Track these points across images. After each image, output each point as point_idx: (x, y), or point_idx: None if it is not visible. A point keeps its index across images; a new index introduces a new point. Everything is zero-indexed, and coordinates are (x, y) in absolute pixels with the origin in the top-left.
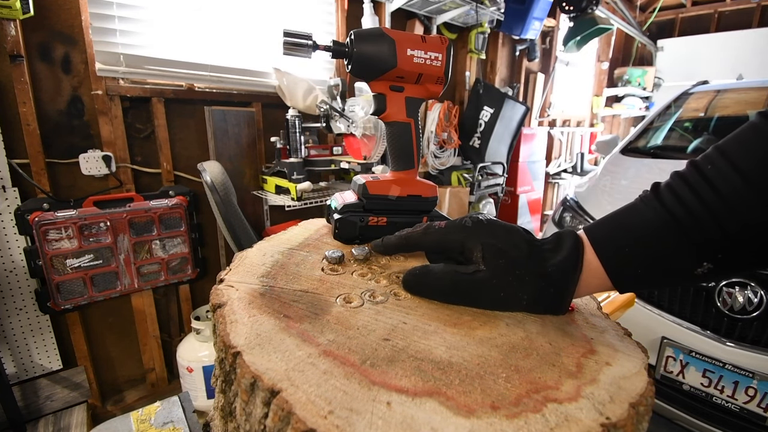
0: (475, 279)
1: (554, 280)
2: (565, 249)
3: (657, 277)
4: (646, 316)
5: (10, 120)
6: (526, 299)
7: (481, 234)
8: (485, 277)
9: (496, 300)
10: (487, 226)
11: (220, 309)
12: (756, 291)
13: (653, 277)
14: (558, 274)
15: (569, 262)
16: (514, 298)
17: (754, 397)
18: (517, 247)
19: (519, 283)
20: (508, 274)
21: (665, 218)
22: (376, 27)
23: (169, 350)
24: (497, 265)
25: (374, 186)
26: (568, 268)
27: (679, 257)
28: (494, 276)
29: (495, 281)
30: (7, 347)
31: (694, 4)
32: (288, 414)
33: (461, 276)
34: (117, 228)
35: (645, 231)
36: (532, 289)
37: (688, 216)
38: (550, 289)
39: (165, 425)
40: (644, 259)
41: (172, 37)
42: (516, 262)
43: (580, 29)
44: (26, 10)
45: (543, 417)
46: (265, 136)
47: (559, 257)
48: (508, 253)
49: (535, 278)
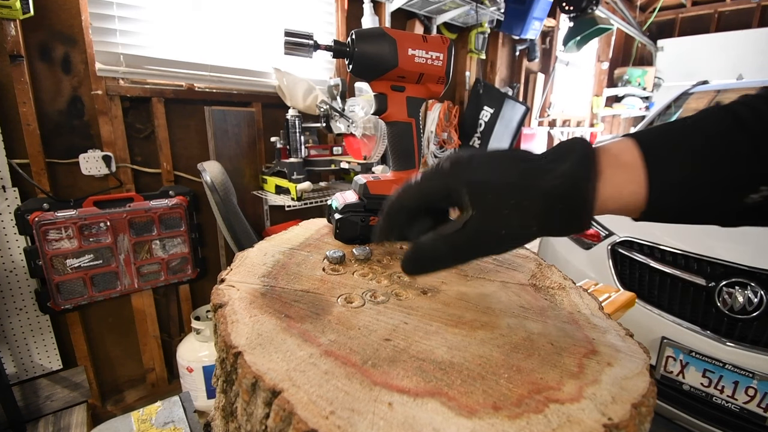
0: (467, 232)
1: (561, 192)
2: (572, 155)
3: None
4: (647, 316)
5: (10, 120)
6: (534, 226)
7: (462, 173)
8: (477, 224)
9: (502, 241)
10: (468, 161)
11: (221, 309)
12: (756, 291)
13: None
14: (565, 185)
15: (579, 167)
16: (520, 232)
17: (754, 397)
18: (506, 171)
19: (519, 212)
20: (502, 207)
21: (729, 123)
22: (377, 27)
23: (169, 350)
24: (486, 202)
25: (375, 186)
26: (579, 175)
27: (737, 169)
28: (486, 217)
29: (490, 222)
30: (7, 347)
31: (694, 4)
32: (289, 414)
33: (453, 236)
34: (117, 228)
35: (704, 131)
36: (538, 212)
37: (759, 121)
38: (559, 204)
39: (166, 425)
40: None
41: (172, 37)
42: (508, 189)
43: (580, 29)
44: (26, 10)
45: (545, 417)
46: (265, 136)
47: (564, 166)
48: (496, 183)
49: (537, 199)
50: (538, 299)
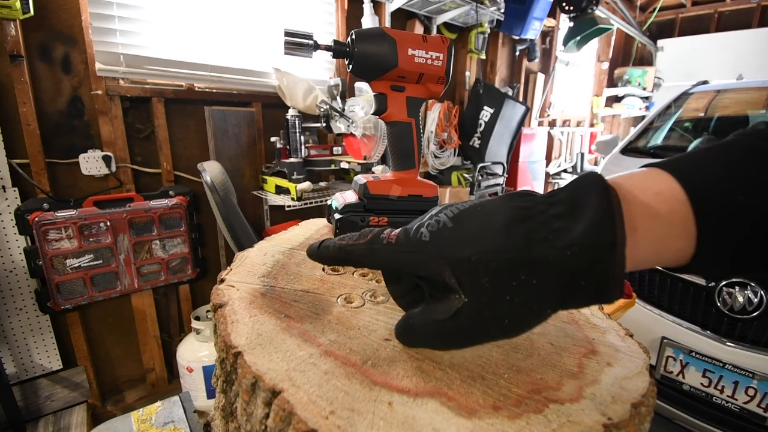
0: (459, 323)
1: (581, 267)
2: (589, 205)
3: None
4: (646, 316)
5: (10, 120)
6: (549, 309)
7: (444, 246)
8: (471, 314)
9: (507, 329)
10: (451, 229)
11: (221, 309)
12: (756, 291)
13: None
14: (583, 257)
15: (601, 226)
16: (528, 316)
17: (754, 397)
18: (502, 239)
19: (526, 294)
20: (501, 291)
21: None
22: (377, 27)
23: (169, 350)
24: (481, 288)
25: (375, 186)
26: (601, 240)
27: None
28: (482, 306)
29: (487, 311)
30: (7, 347)
31: (694, 4)
32: (289, 414)
33: (444, 326)
34: (117, 228)
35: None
36: (552, 292)
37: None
38: (580, 282)
39: (166, 425)
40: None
41: (172, 37)
42: (508, 267)
43: (580, 29)
44: (26, 10)
45: (545, 417)
46: (265, 136)
47: (580, 225)
48: (491, 263)
49: (550, 277)
50: None
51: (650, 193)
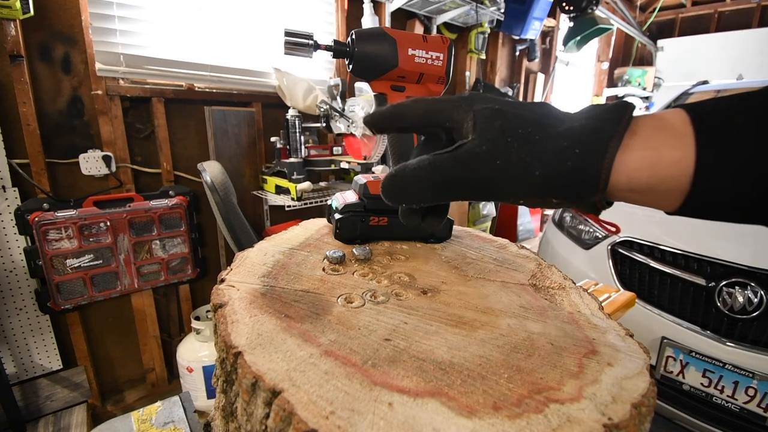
0: (457, 153)
1: (580, 135)
2: (600, 107)
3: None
4: (646, 316)
5: (10, 120)
6: (538, 170)
7: (476, 101)
8: (472, 146)
9: (492, 175)
10: (486, 95)
11: (221, 309)
12: (756, 291)
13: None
14: (587, 128)
15: (607, 114)
16: (518, 169)
17: (754, 397)
18: (525, 107)
19: (524, 145)
20: (506, 134)
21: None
22: (377, 27)
23: (169, 350)
24: (491, 128)
25: (375, 186)
26: (606, 117)
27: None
28: (485, 141)
29: (486, 148)
30: (7, 347)
31: (694, 4)
32: (289, 414)
33: (441, 156)
34: (117, 228)
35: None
36: (547, 152)
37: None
38: (575, 149)
39: (166, 425)
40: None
41: (172, 37)
42: (521, 120)
43: (580, 29)
44: (26, 10)
45: (545, 417)
46: (265, 136)
47: (589, 115)
48: (510, 111)
49: (551, 138)
50: (538, 299)
51: (658, 114)
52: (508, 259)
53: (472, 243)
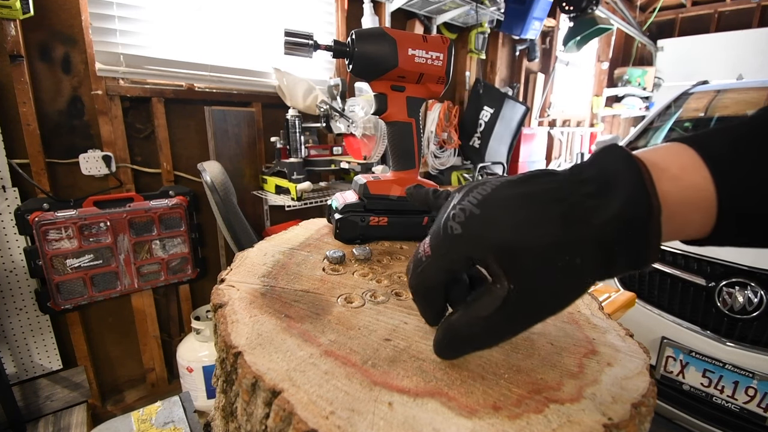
0: (507, 311)
1: (619, 241)
2: (620, 186)
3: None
4: (646, 316)
5: (10, 120)
6: (590, 282)
7: (481, 236)
8: (518, 301)
9: (552, 306)
10: (481, 217)
11: (221, 309)
12: (756, 291)
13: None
14: (622, 232)
15: (635, 204)
16: (570, 293)
17: (754, 397)
18: (540, 223)
19: (569, 273)
20: (549, 276)
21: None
22: (377, 27)
23: (169, 350)
24: (525, 272)
25: (375, 186)
26: (638, 215)
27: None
28: (529, 291)
29: (534, 295)
30: (7, 347)
31: (694, 4)
32: (289, 414)
33: (492, 318)
34: (117, 228)
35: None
36: (594, 267)
37: None
38: (620, 254)
39: (166, 425)
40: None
41: (172, 37)
42: (552, 251)
43: (580, 29)
44: (26, 10)
45: (545, 418)
46: (265, 136)
47: (615, 204)
48: (533, 245)
49: (590, 254)
50: None
51: (673, 167)
52: None
53: None
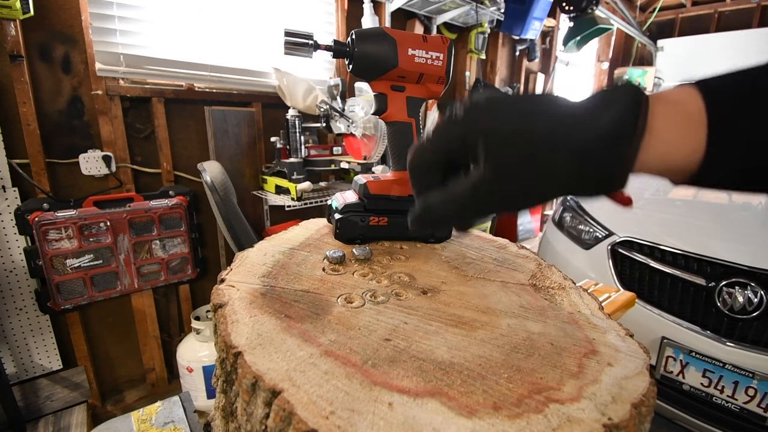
0: (477, 191)
1: (595, 154)
2: (617, 103)
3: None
4: (646, 316)
5: (10, 120)
6: (555, 189)
7: (479, 121)
8: (489, 182)
9: (516, 201)
10: (486, 107)
11: (221, 309)
12: (756, 291)
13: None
14: (600, 144)
15: (623, 120)
16: (538, 192)
17: (754, 397)
18: (533, 120)
19: (541, 170)
20: (520, 164)
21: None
22: (377, 27)
23: (169, 350)
24: (502, 157)
25: (375, 186)
26: (621, 131)
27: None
28: (501, 176)
29: (504, 181)
30: (7, 347)
31: (694, 4)
32: (289, 414)
33: (462, 197)
34: (117, 228)
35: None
36: (564, 173)
37: None
38: (590, 168)
39: (166, 425)
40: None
41: (172, 37)
42: (531, 143)
43: (580, 29)
44: (26, 10)
45: (545, 417)
46: (265, 136)
47: (605, 118)
48: (519, 134)
49: (565, 157)
50: (538, 299)
51: (673, 98)
52: (508, 259)
53: (472, 243)
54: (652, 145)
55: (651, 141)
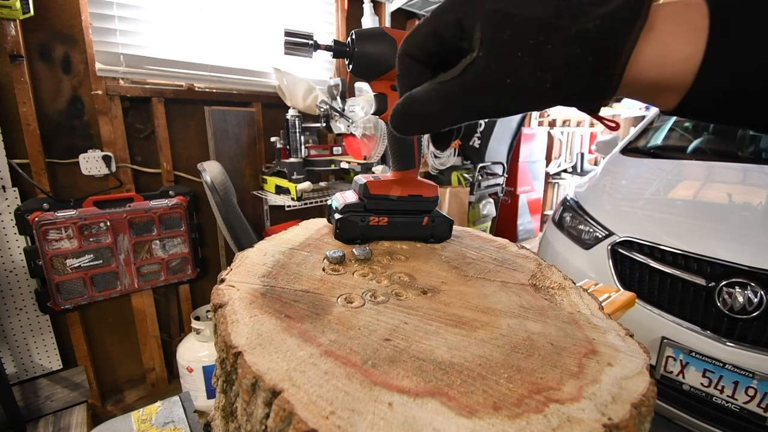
0: (465, 77)
1: (595, 40)
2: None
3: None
4: (646, 316)
5: (10, 120)
6: (549, 82)
7: (480, 2)
8: (479, 67)
9: (502, 96)
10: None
11: (221, 309)
12: (756, 291)
13: None
14: (602, 30)
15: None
16: (529, 85)
17: (754, 397)
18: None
19: (536, 57)
20: (516, 47)
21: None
22: (377, 27)
23: (169, 350)
24: (500, 41)
25: (375, 186)
26: (620, 17)
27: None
28: (493, 59)
29: (495, 66)
30: (7, 347)
31: None
32: (289, 414)
33: (449, 84)
34: (117, 228)
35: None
36: (559, 62)
37: None
38: (588, 57)
39: (166, 425)
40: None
41: (172, 37)
42: (532, 26)
43: None
44: (26, 10)
45: (545, 417)
46: (265, 136)
47: (607, 7)
48: (518, 15)
49: (563, 44)
50: (538, 299)
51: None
52: (508, 259)
53: (472, 243)
54: (649, 44)
55: (649, 40)
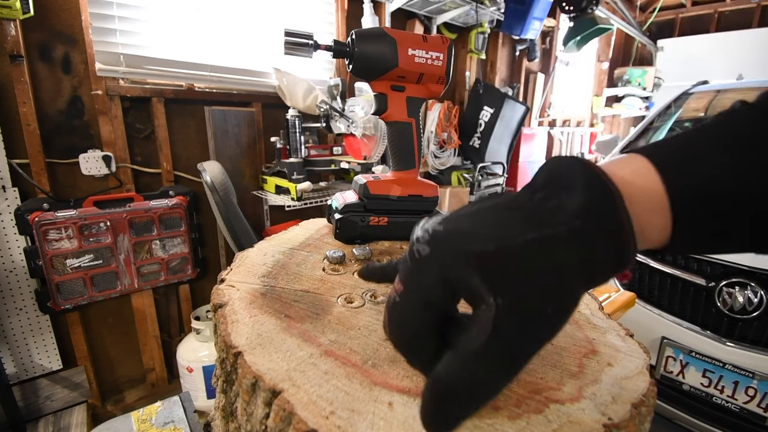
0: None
1: (590, 231)
2: (575, 185)
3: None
4: (646, 316)
5: (10, 120)
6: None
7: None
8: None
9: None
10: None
11: (221, 309)
12: (756, 291)
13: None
14: (589, 221)
15: (596, 194)
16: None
17: (754, 397)
18: (510, 227)
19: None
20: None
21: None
22: (377, 27)
23: (169, 350)
24: (511, 280)
25: (375, 186)
26: (603, 201)
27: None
28: (519, 302)
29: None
30: (7, 347)
31: (694, 4)
32: (289, 414)
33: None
34: (117, 228)
35: (729, 125)
36: (576, 265)
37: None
38: (599, 250)
39: (166, 425)
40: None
41: (172, 37)
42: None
43: (580, 29)
44: (26, 10)
45: (545, 418)
46: (265, 136)
47: (575, 198)
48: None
49: (566, 249)
50: None
51: (625, 172)
52: None
53: None
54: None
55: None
